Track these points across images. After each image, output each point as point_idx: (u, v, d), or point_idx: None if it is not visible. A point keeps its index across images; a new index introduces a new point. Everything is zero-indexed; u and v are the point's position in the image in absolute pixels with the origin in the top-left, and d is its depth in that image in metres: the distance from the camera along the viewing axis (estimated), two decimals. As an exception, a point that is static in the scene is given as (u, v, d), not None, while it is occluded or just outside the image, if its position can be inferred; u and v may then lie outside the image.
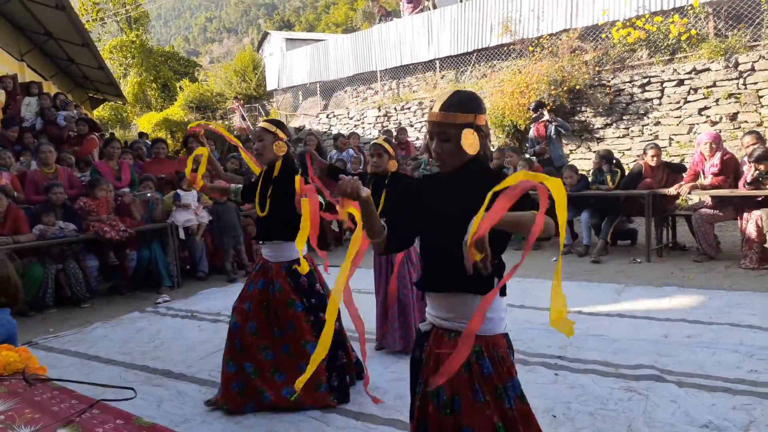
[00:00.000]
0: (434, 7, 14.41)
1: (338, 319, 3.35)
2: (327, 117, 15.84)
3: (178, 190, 6.94)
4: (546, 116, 8.86)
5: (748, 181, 5.76)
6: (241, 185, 3.59)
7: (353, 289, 1.80)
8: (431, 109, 1.82)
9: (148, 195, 6.87)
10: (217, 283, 6.81)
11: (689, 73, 9.44)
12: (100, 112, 25.01)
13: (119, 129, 24.69)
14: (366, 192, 1.70)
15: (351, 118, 15.01)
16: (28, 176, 6.78)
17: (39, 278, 5.83)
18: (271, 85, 19.95)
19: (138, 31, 27.70)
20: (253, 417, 3.14)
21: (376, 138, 5.26)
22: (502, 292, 1.76)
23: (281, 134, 3.20)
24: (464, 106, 1.77)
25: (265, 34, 30.29)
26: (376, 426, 2.92)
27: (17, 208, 5.97)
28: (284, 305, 3.18)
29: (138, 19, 28.29)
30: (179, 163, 8.00)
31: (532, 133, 9.07)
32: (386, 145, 3.93)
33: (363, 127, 14.49)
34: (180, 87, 25.80)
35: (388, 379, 3.53)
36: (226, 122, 21.13)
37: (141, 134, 14.35)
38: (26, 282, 5.73)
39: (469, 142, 1.73)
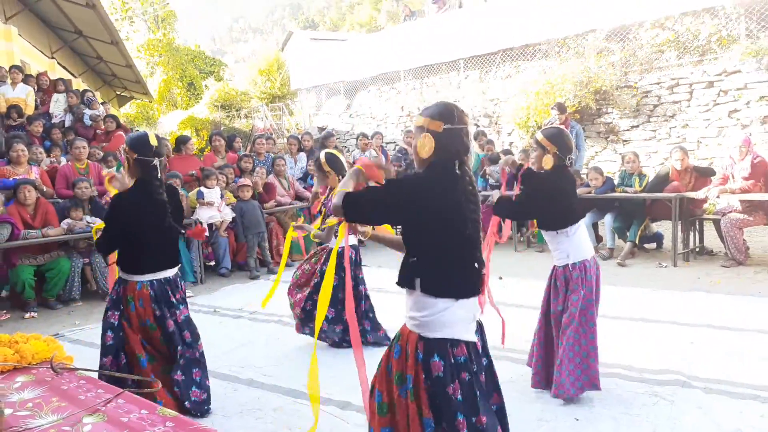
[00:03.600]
0: (460, 6, 14.36)
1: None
2: (350, 116, 15.88)
3: (202, 188, 7.01)
4: (556, 122, 8.60)
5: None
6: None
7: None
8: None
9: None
10: (240, 280, 6.86)
11: (719, 74, 9.24)
12: (127, 111, 25.43)
13: (146, 127, 25.06)
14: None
15: (374, 118, 15.01)
16: (60, 171, 6.89)
17: (66, 272, 5.93)
18: (295, 85, 20.07)
19: (165, 30, 28.12)
20: (273, 413, 3.16)
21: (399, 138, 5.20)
22: (429, 292, 1.90)
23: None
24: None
25: (290, 34, 30.48)
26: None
27: (47, 202, 6.10)
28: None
29: (165, 18, 28.72)
30: (204, 161, 8.09)
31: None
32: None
33: (386, 127, 14.49)
34: (205, 86, 26.11)
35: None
36: (250, 121, 21.32)
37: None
38: (54, 275, 5.86)
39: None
